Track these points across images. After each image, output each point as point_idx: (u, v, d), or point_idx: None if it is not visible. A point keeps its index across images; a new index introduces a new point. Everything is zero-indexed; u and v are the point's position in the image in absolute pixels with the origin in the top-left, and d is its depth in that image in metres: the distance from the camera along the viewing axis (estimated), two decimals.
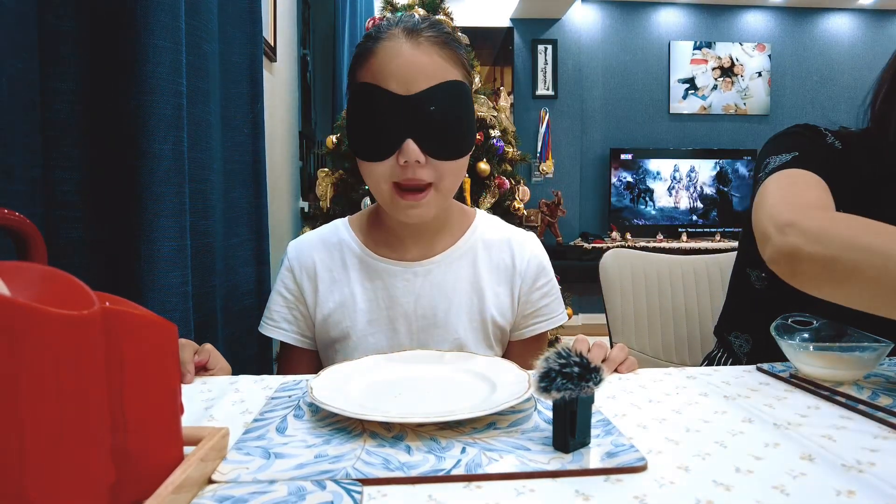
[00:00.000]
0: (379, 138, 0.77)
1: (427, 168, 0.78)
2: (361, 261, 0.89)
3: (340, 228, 0.93)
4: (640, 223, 4.84)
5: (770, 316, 0.92)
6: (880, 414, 0.58)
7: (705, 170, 4.88)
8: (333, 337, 0.89)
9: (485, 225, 0.94)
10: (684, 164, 4.82)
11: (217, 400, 0.65)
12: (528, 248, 0.92)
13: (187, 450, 0.46)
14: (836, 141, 0.91)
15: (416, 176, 0.77)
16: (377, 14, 2.54)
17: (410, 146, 0.75)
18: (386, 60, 0.76)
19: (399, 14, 0.82)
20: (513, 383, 0.62)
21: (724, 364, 1.07)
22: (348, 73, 0.84)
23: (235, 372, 0.77)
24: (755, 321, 1.02)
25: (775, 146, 0.90)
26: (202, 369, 0.75)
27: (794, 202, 0.75)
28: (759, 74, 4.98)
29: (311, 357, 0.94)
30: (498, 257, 0.91)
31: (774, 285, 0.96)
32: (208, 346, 0.76)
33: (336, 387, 0.62)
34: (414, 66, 0.76)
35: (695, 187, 4.88)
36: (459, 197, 1.01)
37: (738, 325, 1.07)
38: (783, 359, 0.75)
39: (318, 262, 0.90)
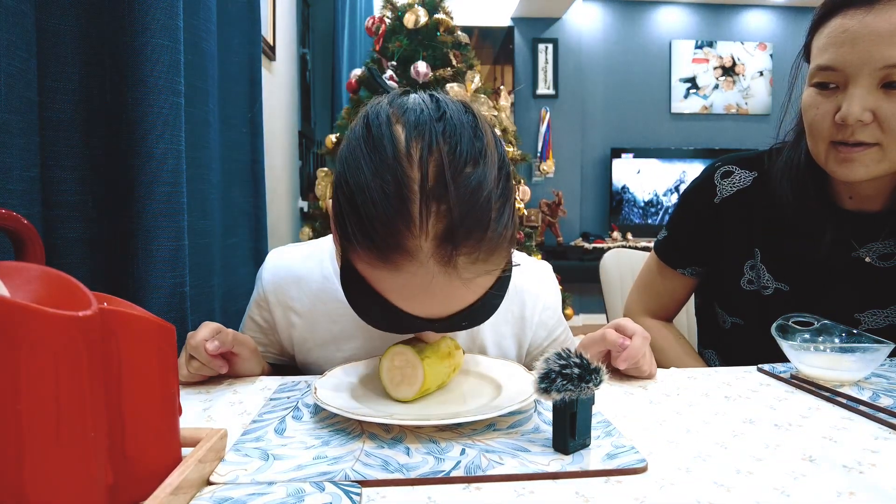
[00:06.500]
0: (391, 326, 0.60)
1: None
2: (349, 313, 0.66)
3: (326, 265, 0.79)
4: (641, 223, 4.83)
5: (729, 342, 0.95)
6: (881, 415, 0.58)
7: None
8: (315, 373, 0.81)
9: None
10: (685, 164, 4.81)
11: (215, 401, 0.65)
12: (542, 301, 0.83)
13: (185, 451, 0.45)
14: (738, 180, 0.94)
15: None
16: (377, 14, 2.53)
17: (432, 336, 0.64)
18: (407, 286, 0.55)
19: (422, 173, 0.53)
20: (517, 386, 0.62)
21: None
22: (340, 235, 0.58)
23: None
24: (720, 343, 1.06)
25: (673, 210, 1.04)
26: (227, 359, 0.70)
27: (634, 284, 1.11)
28: (761, 74, 4.97)
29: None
30: (507, 309, 0.81)
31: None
32: (221, 329, 0.68)
33: (338, 388, 0.62)
34: (447, 299, 0.56)
35: None
36: None
37: (705, 342, 1.11)
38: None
39: (297, 303, 0.80)
